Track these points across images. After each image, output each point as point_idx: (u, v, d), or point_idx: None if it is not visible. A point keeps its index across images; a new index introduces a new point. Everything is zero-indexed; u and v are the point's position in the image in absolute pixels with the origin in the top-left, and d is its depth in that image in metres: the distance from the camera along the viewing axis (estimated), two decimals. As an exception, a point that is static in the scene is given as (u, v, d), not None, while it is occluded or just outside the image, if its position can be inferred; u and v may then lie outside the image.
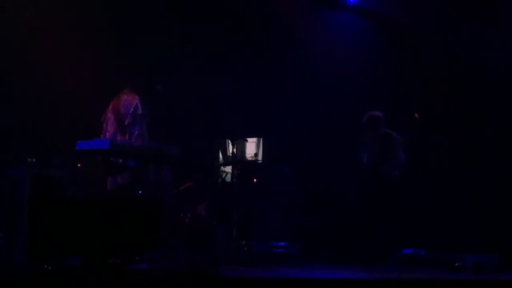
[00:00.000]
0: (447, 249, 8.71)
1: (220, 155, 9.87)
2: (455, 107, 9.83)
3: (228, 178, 9.13)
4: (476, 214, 9.44)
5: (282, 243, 9.18)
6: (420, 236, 9.19)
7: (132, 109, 8.13)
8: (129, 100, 8.18)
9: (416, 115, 8.73)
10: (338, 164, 9.94)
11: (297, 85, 10.54)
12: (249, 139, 9.50)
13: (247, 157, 9.70)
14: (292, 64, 10.45)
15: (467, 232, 9.26)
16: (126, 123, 8.12)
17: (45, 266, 5.94)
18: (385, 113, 9.06)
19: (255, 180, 9.31)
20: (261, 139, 9.89)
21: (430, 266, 8.35)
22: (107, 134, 8.16)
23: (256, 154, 9.66)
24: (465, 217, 9.44)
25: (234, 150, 8.94)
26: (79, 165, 7.39)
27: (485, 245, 8.86)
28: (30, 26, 8.97)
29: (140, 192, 7.98)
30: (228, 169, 9.10)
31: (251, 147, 9.82)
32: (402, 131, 8.84)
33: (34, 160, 6.99)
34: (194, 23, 9.90)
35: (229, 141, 9.06)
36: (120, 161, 8.02)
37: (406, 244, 8.96)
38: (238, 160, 8.95)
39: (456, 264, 8.30)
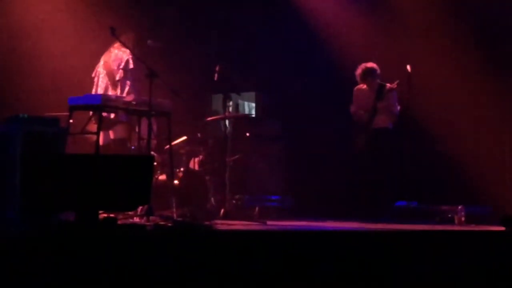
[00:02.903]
0: (439, 202, 8.72)
1: (214, 109, 9.87)
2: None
3: (222, 132, 9.12)
4: (470, 167, 9.40)
5: (275, 197, 9.23)
6: (413, 189, 9.19)
7: (123, 64, 8.10)
8: (120, 55, 8.14)
9: (409, 67, 8.70)
10: (332, 117, 9.91)
11: (292, 42, 10.47)
12: (243, 94, 9.47)
13: (241, 112, 9.69)
14: (289, 22, 10.38)
15: (461, 185, 9.26)
16: (117, 78, 8.10)
17: (38, 222, 5.96)
18: (379, 66, 9.02)
19: (247, 134, 9.31)
20: (255, 94, 9.87)
21: (423, 218, 8.37)
22: (99, 89, 8.15)
23: (250, 108, 9.66)
24: (458, 170, 9.43)
25: (228, 104, 8.90)
26: (71, 120, 7.36)
27: (479, 197, 8.89)
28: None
29: (132, 147, 7.99)
30: (222, 123, 9.09)
31: (245, 102, 9.81)
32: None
33: (26, 116, 6.96)
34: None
35: (223, 96, 9.02)
36: (112, 116, 8.02)
37: (399, 197, 8.97)
38: (232, 114, 8.92)
39: (449, 215, 8.33)
